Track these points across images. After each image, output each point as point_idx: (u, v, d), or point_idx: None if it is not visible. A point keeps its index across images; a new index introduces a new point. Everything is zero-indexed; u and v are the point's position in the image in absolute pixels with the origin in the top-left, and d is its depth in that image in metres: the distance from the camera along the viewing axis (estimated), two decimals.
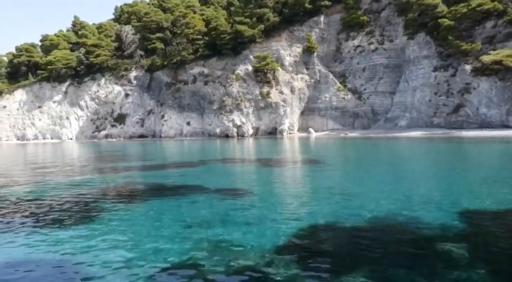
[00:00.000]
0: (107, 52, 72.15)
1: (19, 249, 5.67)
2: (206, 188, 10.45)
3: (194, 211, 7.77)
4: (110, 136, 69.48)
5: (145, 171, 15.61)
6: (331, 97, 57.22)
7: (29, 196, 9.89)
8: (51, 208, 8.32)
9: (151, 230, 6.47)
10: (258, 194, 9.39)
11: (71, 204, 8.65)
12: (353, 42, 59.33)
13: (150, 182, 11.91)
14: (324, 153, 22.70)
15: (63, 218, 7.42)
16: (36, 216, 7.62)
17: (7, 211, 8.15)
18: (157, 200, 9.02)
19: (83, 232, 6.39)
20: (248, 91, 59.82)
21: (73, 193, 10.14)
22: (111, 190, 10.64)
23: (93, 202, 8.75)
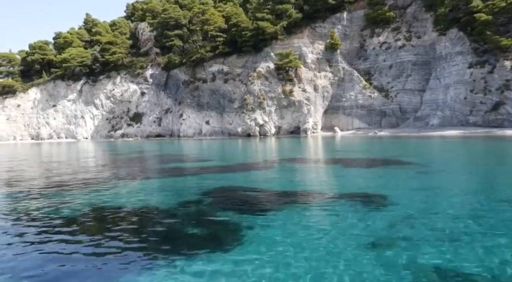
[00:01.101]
0: (122, 49, 70.75)
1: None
2: (327, 193, 9.04)
3: (359, 224, 6.26)
4: (126, 136, 68.11)
5: (223, 172, 14.17)
6: (357, 95, 55.72)
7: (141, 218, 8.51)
8: (170, 230, 6.57)
9: (319, 250, 4.99)
10: (400, 200, 7.92)
11: (197, 225, 6.79)
12: (378, 39, 57.80)
13: (251, 187, 10.46)
14: (396, 153, 21.22)
15: (193, 242, 5.66)
16: (158, 242, 5.72)
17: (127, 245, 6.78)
18: (289, 210, 7.49)
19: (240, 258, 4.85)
20: (270, 89, 58.35)
21: (180, 206, 8.73)
22: (218, 197, 9.21)
23: (216, 216, 7.32)
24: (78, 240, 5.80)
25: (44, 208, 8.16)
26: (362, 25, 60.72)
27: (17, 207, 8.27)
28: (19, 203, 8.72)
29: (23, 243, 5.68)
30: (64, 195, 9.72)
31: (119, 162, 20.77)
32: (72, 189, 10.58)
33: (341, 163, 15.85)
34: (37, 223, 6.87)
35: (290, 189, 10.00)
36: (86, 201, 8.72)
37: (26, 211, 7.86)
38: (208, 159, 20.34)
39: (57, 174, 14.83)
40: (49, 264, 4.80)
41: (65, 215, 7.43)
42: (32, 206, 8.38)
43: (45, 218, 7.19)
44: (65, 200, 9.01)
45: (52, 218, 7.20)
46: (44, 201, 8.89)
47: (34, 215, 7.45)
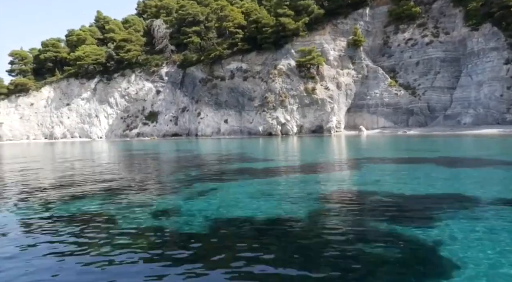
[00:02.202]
0: (137, 47, 69.37)
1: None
2: (472, 196, 7.53)
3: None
4: (142, 135, 66.75)
5: (307, 173, 12.60)
6: (382, 93, 54.15)
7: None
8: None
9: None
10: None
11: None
12: (403, 35, 56.22)
13: (371, 190, 8.92)
14: (463, 153, 19.66)
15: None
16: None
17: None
18: (456, 217, 5.94)
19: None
20: (292, 87, 56.84)
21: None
22: (351, 205, 7.69)
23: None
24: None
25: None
26: (385, 22, 59.15)
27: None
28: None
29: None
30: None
31: (172, 162, 19.29)
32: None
33: (434, 163, 14.32)
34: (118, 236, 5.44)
35: (424, 192, 8.49)
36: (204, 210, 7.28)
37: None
38: (267, 158, 18.83)
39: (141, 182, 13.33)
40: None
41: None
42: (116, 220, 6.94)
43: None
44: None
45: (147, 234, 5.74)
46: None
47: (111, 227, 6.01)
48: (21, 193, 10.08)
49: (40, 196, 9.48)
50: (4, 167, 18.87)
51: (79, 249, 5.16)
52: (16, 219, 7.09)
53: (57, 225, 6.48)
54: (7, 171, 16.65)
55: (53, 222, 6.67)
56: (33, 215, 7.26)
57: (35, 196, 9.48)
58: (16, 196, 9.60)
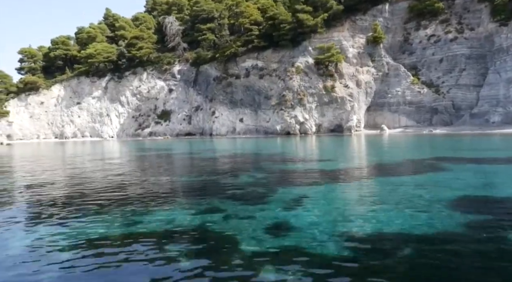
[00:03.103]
0: (149, 44, 67.95)
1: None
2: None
3: None
4: (154, 134, 65.34)
5: (398, 176, 11.19)
6: (404, 91, 52.64)
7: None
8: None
9: None
10: None
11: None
12: (425, 32, 54.67)
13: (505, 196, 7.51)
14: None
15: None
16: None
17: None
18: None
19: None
20: (311, 85, 55.38)
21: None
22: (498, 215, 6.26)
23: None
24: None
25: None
26: (405, 18, 57.65)
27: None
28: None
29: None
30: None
31: (220, 163, 17.83)
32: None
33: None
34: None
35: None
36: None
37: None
38: (323, 159, 17.36)
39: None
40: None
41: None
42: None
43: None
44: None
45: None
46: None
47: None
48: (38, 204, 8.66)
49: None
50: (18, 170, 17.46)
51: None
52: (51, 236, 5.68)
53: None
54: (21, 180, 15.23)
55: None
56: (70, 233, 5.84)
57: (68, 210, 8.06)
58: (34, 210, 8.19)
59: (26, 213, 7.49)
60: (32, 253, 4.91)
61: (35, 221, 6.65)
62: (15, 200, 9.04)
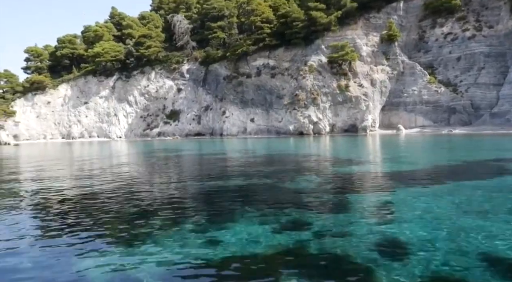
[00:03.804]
0: (157, 43, 66.83)
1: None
2: None
3: None
4: (163, 135, 64.21)
5: (457, 180, 10.10)
6: (420, 90, 51.48)
7: None
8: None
9: None
10: None
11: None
12: (441, 30, 53.51)
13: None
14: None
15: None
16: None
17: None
18: None
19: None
20: (324, 84, 54.25)
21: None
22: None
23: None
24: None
25: None
26: (420, 16, 56.53)
27: None
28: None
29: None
30: None
31: (264, 164, 16.69)
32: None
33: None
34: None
35: None
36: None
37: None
38: (369, 160, 16.25)
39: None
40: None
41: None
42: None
43: None
44: None
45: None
46: None
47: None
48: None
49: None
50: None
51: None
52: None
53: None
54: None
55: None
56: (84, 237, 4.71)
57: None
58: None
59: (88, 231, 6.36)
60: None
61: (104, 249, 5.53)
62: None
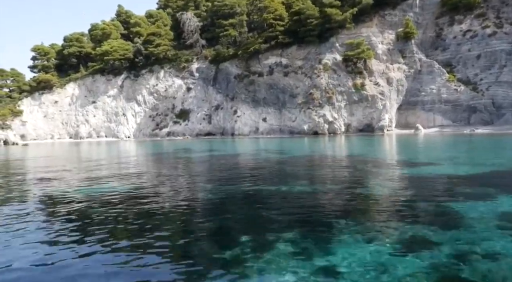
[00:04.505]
0: (166, 41, 65.61)
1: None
2: None
3: None
4: (172, 134, 62.99)
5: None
6: (439, 89, 50.14)
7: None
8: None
9: None
10: None
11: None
12: (460, 27, 52.17)
13: None
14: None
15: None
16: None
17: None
18: None
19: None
20: (339, 82, 52.97)
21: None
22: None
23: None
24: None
25: None
26: (437, 13, 55.22)
27: None
28: None
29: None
30: None
31: (318, 167, 15.39)
32: None
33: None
34: None
35: None
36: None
37: None
38: (423, 162, 14.94)
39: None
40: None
41: None
42: None
43: None
44: None
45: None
46: None
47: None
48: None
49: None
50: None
51: None
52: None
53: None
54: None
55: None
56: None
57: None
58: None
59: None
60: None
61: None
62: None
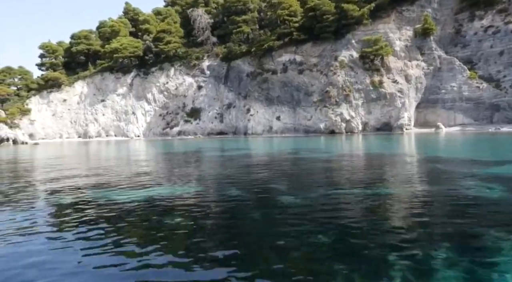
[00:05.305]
0: (177, 38, 64.33)
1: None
2: None
3: None
4: (183, 133, 61.71)
5: None
6: (461, 86, 48.78)
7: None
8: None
9: None
10: None
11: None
12: (480, 23, 50.80)
13: None
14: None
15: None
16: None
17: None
18: None
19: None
20: (357, 80, 51.63)
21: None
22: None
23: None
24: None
25: None
26: (456, 8, 53.86)
27: None
28: None
29: None
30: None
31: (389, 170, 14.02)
32: None
33: None
34: None
35: None
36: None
37: None
38: (477, 160, 13.56)
39: None
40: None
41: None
42: None
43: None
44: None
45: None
46: None
47: None
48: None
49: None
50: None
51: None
52: None
53: None
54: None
55: None
56: None
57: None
58: None
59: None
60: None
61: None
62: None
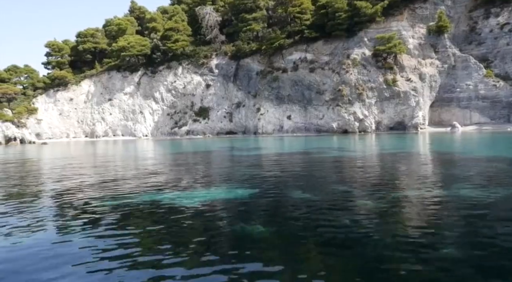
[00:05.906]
0: (185, 37, 63.47)
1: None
2: None
3: None
4: (192, 133, 60.88)
5: None
6: (476, 85, 47.91)
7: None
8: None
9: None
10: None
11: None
12: (496, 20, 49.92)
13: None
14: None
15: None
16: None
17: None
18: None
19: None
20: (370, 78, 50.78)
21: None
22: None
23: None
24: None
25: None
26: (470, 6, 52.97)
27: None
28: None
29: None
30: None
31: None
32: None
33: None
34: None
35: None
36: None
37: None
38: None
39: None
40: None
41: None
42: None
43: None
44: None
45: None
46: None
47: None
48: None
49: None
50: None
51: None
52: None
53: None
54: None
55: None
56: None
57: None
58: None
59: None
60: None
61: None
62: None
